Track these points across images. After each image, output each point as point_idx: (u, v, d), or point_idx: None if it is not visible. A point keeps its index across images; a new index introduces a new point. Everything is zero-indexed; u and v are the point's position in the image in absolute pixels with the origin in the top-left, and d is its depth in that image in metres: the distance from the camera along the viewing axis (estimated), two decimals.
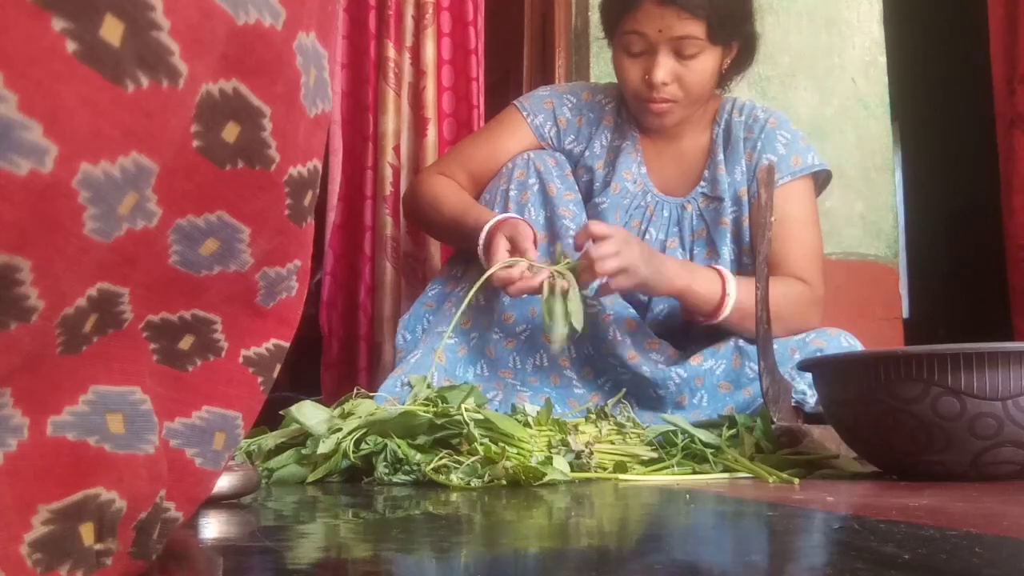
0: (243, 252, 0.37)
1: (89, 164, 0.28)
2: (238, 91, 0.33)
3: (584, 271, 1.26)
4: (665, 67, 1.38)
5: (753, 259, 1.45)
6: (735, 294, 1.35)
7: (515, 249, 1.30)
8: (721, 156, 1.50)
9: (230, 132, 0.33)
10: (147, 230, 0.32)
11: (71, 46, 0.26)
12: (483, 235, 1.36)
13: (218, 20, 0.31)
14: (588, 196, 1.51)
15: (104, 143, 0.28)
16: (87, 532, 0.32)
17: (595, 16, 1.89)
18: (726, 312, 1.36)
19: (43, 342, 0.30)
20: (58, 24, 0.26)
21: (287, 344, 0.43)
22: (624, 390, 1.35)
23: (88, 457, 0.33)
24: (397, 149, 1.99)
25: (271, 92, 0.34)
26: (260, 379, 0.42)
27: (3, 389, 0.30)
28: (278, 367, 0.43)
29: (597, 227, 1.27)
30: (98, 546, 0.33)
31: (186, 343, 0.38)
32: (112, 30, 0.27)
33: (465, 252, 1.48)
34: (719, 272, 1.38)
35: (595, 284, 1.31)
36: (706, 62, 1.40)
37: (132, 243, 0.32)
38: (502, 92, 2.43)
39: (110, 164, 0.28)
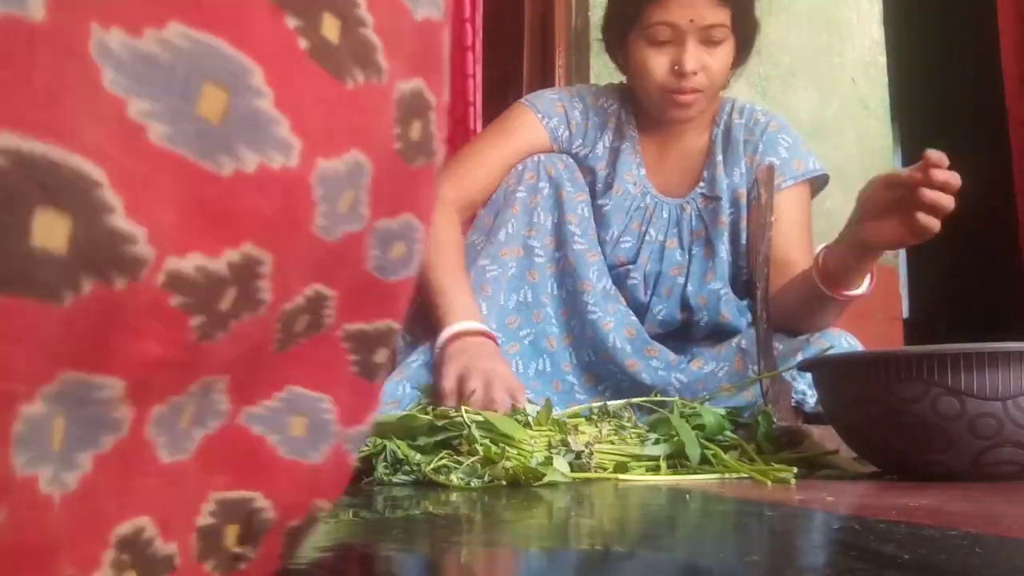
0: (417, 254, 0.35)
1: (324, 160, 0.28)
2: (419, 89, 0.32)
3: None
4: (695, 56, 1.38)
5: (748, 263, 1.45)
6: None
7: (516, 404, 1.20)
8: (720, 157, 1.50)
9: (415, 130, 0.33)
10: (356, 231, 0.31)
11: (303, 43, 0.26)
12: (444, 337, 1.27)
13: (404, 16, 0.30)
14: (591, 197, 1.51)
15: (334, 140, 0.28)
16: (231, 533, 0.32)
17: (595, 16, 1.89)
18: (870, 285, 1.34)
19: (265, 336, 0.30)
20: (291, 22, 0.26)
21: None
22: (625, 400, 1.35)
23: (262, 455, 0.32)
24: None
25: (438, 87, 0.33)
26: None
27: (223, 376, 0.30)
28: None
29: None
30: (236, 550, 0.32)
31: (381, 356, 0.36)
32: (331, 27, 0.27)
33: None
34: None
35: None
36: (727, 50, 1.41)
37: (345, 244, 0.31)
38: (501, 92, 2.43)
39: (338, 161, 0.28)
